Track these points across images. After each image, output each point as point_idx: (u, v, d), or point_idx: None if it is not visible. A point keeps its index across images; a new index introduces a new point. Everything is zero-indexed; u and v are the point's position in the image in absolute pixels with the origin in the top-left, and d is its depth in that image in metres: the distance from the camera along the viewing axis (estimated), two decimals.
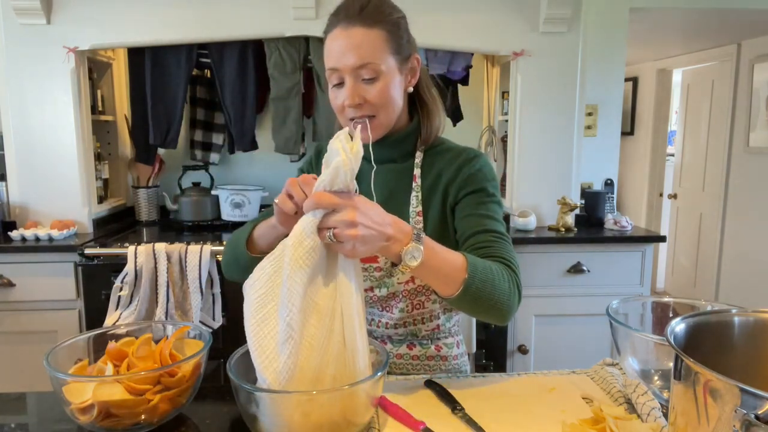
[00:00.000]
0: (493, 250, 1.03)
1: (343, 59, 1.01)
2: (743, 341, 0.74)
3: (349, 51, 1.01)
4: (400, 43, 1.06)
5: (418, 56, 1.12)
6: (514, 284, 0.99)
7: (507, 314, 0.98)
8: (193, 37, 2.53)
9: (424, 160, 1.16)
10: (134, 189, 2.94)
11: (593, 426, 0.83)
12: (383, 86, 1.03)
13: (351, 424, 0.81)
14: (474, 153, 1.14)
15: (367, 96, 1.03)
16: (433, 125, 1.15)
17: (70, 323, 2.32)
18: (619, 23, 2.89)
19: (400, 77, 1.07)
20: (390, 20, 1.04)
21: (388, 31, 1.03)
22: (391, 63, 1.04)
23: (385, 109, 1.06)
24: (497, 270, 0.97)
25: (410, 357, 1.19)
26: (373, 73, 1.02)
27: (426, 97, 1.16)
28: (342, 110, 1.07)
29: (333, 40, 1.03)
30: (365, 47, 1.01)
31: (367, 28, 1.01)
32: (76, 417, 0.84)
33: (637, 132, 4.95)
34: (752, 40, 3.76)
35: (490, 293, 0.94)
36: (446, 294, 0.93)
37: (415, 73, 1.12)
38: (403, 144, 1.16)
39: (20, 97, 2.47)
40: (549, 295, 2.49)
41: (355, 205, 0.81)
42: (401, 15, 1.08)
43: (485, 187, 1.11)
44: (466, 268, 0.91)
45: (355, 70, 1.02)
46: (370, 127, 1.06)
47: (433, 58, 2.74)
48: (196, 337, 1.01)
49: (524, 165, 2.70)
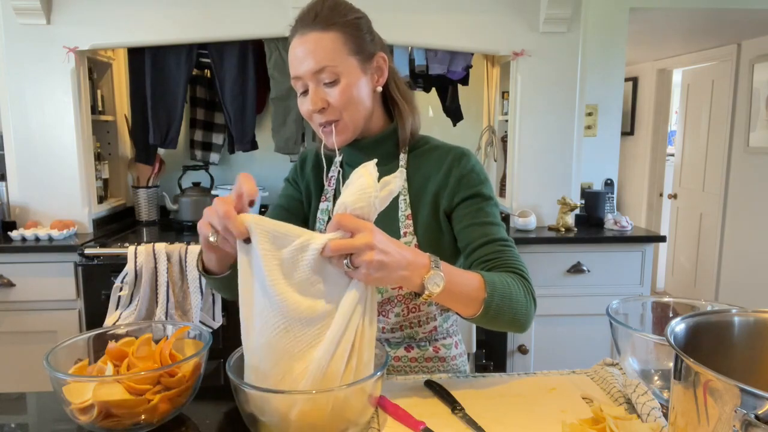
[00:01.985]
0: (503, 261, 1.03)
1: (302, 66, 1.02)
2: (743, 341, 0.74)
3: (306, 57, 1.01)
4: (359, 43, 1.05)
5: (384, 55, 1.10)
6: (530, 294, 1.00)
7: (525, 325, 1.00)
8: (193, 37, 2.53)
9: (410, 162, 1.15)
10: (134, 189, 2.94)
11: (593, 426, 0.83)
12: (344, 88, 1.03)
13: (350, 423, 0.81)
14: (461, 152, 1.13)
15: (329, 99, 1.03)
16: (407, 125, 1.13)
17: (70, 323, 2.32)
18: (619, 23, 2.89)
19: (364, 77, 1.06)
20: (345, 21, 1.03)
21: (344, 32, 1.03)
22: (351, 63, 1.03)
23: (348, 111, 1.05)
24: (513, 283, 0.97)
25: (408, 359, 1.18)
26: (332, 76, 1.02)
27: (396, 96, 1.14)
28: (310, 116, 1.07)
29: (292, 49, 1.04)
30: (320, 51, 1.01)
31: (322, 32, 1.01)
32: (76, 417, 0.84)
33: (637, 132, 4.95)
34: (752, 40, 3.76)
35: (509, 308, 0.95)
36: (467, 314, 0.93)
37: (383, 72, 1.10)
38: (380, 146, 1.14)
39: (20, 97, 2.47)
40: (549, 295, 2.49)
41: (373, 229, 0.79)
42: (360, 15, 1.07)
43: (480, 190, 1.10)
44: (484, 287, 0.92)
45: (314, 75, 1.02)
46: (335, 131, 1.06)
47: (433, 58, 2.74)
48: (196, 337, 1.00)
49: (524, 165, 2.70)
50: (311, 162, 1.24)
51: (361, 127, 1.09)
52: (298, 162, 1.27)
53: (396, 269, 0.81)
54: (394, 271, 0.81)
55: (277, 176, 3.08)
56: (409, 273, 0.84)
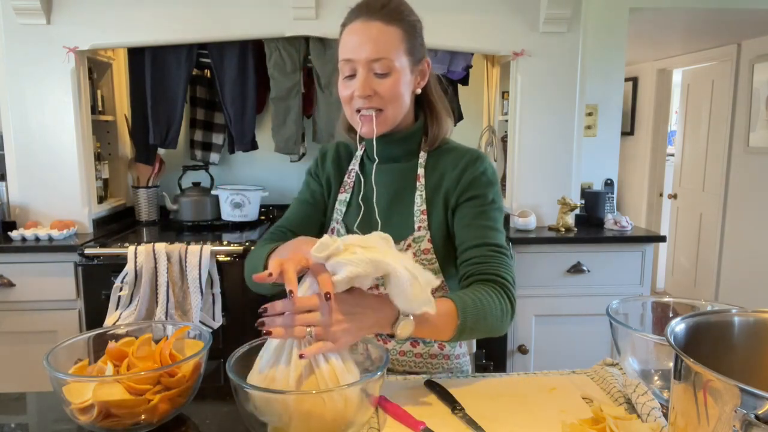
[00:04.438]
0: (488, 267, 1.05)
1: (359, 51, 1.04)
2: (743, 341, 0.74)
3: (366, 43, 1.04)
4: (414, 44, 1.09)
5: (429, 60, 1.15)
6: (507, 303, 1.02)
7: (501, 331, 1.03)
8: (193, 37, 2.53)
9: (428, 160, 1.18)
10: (134, 189, 2.94)
11: (593, 426, 0.83)
12: (394, 82, 1.06)
13: (350, 423, 0.81)
14: (477, 154, 1.16)
15: (378, 89, 1.06)
16: (441, 129, 1.17)
17: (70, 323, 2.32)
18: (619, 23, 2.89)
19: (410, 77, 1.10)
20: (408, 21, 1.08)
21: (405, 30, 1.07)
22: (403, 61, 1.07)
23: (392, 105, 1.08)
24: (487, 299, 0.99)
25: (413, 354, 1.20)
26: (386, 68, 1.05)
27: (435, 100, 1.18)
28: (350, 101, 1.10)
29: (351, 33, 1.06)
30: (382, 42, 1.04)
31: (386, 24, 1.04)
32: (76, 417, 0.84)
33: (637, 132, 4.95)
34: (752, 40, 3.76)
35: (483, 325, 0.97)
36: (442, 339, 0.96)
37: (425, 75, 1.14)
38: (407, 143, 1.17)
39: (20, 97, 2.47)
40: (549, 295, 2.49)
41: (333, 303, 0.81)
42: (418, 19, 1.12)
43: (485, 192, 1.12)
44: (456, 314, 0.94)
45: (369, 63, 1.05)
46: (376, 121, 1.09)
47: (433, 58, 2.74)
48: (196, 337, 1.01)
49: (524, 165, 2.70)
50: (331, 155, 1.28)
51: (398, 122, 1.13)
52: (319, 155, 1.30)
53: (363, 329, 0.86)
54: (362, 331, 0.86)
55: (277, 176, 3.09)
56: (377, 328, 0.88)
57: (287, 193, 2.91)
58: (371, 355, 0.94)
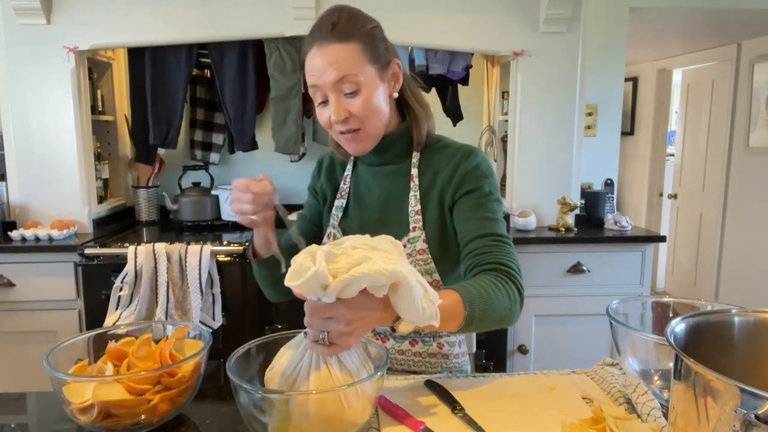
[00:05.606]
0: (492, 256, 1.04)
1: (322, 76, 1.04)
2: (743, 341, 0.74)
3: (327, 67, 1.03)
4: (376, 52, 1.07)
5: (399, 61, 1.13)
6: (515, 292, 1.01)
7: (511, 321, 1.02)
8: (193, 37, 2.53)
9: (422, 160, 1.18)
10: (134, 189, 2.94)
11: (593, 426, 0.83)
12: (365, 98, 1.05)
13: (351, 424, 0.81)
14: (470, 149, 1.15)
15: (351, 109, 1.05)
16: (422, 128, 1.16)
17: (70, 323, 2.32)
18: (619, 23, 2.88)
19: (382, 85, 1.09)
20: (363, 32, 1.05)
21: (363, 43, 1.05)
22: (370, 72, 1.06)
23: (369, 120, 1.08)
24: (494, 288, 0.98)
25: (412, 353, 1.20)
26: (353, 86, 1.04)
27: (411, 101, 1.17)
28: (330, 126, 1.10)
29: (311, 59, 1.06)
30: (341, 62, 1.03)
31: (342, 43, 1.03)
32: (76, 417, 0.84)
33: (637, 132, 4.95)
34: (752, 40, 3.76)
35: (491, 316, 0.96)
36: (449, 331, 0.94)
37: (398, 78, 1.13)
38: (395, 145, 1.17)
39: (20, 97, 2.47)
40: (549, 295, 2.49)
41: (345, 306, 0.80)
42: (374, 24, 1.09)
43: (482, 185, 1.11)
44: (462, 304, 0.92)
45: (335, 85, 1.04)
46: (356, 139, 1.09)
47: (433, 58, 2.74)
48: (196, 337, 1.01)
49: (524, 165, 2.70)
50: (325, 165, 1.30)
51: (381, 135, 1.13)
52: (315, 168, 1.32)
53: (368, 328, 0.85)
54: (368, 328, 0.85)
55: (278, 176, 3.07)
56: (381, 324, 0.87)
57: (287, 193, 2.91)
58: (370, 354, 0.94)
